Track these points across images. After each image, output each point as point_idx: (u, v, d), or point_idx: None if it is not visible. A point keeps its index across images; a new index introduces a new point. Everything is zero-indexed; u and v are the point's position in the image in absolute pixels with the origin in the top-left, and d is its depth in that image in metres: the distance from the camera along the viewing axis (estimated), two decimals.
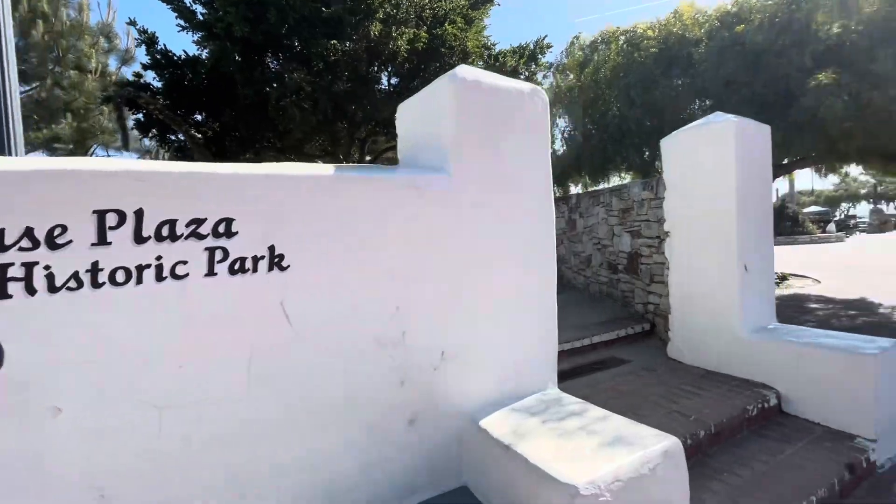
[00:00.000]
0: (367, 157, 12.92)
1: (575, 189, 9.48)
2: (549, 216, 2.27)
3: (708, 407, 2.81)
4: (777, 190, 42.20)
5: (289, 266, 1.61)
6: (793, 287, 8.80)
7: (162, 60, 8.80)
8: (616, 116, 5.54)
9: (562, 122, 7.22)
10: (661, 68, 5.06)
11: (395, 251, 1.84)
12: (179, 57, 8.84)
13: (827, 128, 4.12)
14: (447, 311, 1.96)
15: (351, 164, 1.76)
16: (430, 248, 1.92)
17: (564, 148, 7.32)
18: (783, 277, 9.57)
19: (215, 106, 9.60)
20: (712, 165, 3.35)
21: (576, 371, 3.66)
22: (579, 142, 6.58)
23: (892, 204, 41.28)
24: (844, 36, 4.04)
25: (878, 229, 28.90)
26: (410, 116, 2.29)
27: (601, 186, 6.55)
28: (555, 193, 9.56)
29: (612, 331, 4.30)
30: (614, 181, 6.98)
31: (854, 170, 8.80)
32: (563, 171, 7.86)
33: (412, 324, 1.87)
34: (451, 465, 1.99)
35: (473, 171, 2.02)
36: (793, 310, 6.78)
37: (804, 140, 4.40)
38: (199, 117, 10.47)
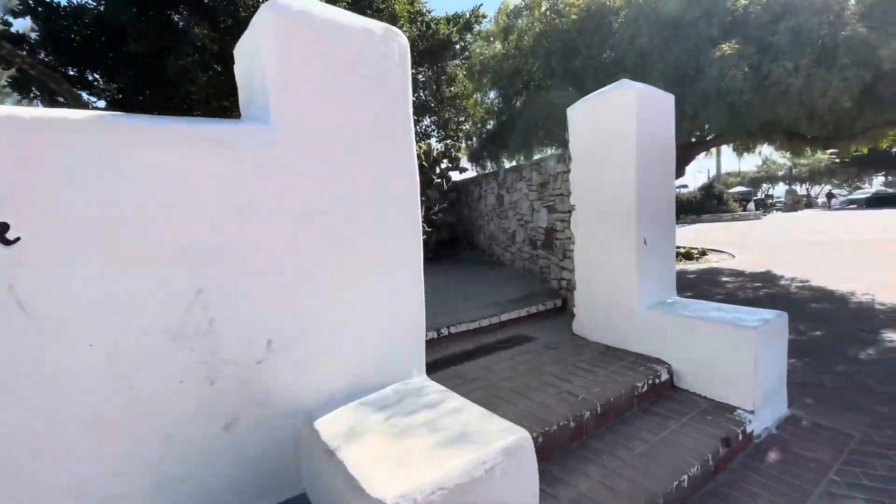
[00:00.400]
0: None
1: (509, 165, 9.32)
2: (411, 182, 1.98)
3: (599, 385, 2.71)
4: (709, 171, 44.94)
5: (18, 239, 1.21)
6: (711, 261, 9.25)
7: (38, 7, 7.56)
8: (538, 87, 5.35)
9: (492, 94, 6.94)
10: (582, 37, 4.89)
11: (197, 222, 1.48)
12: (59, 3, 7.64)
13: (730, 100, 4.14)
14: (274, 293, 1.63)
15: (145, 116, 1.35)
16: (249, 218, 1.57)
17: (494, 121, 7.07)
18: (703, 252, 10.06)
19: (108, 64, 8.46)
20: (614, 135, 3.21)
21: (480, 350, 3.49)
22: (505, 114, 6.35)
23: (804, 185, 45.20)
24: (750, 8, 4.03)
25: (792, 208, 31.60)
26: (242, 56, 1.89)
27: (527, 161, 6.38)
28: (486, 169, 9.38)
29: (524, 307, 4.17)
30: (541, 155, 6.85)
31: (767, 150, 9.25)
32: (494, 145, 7.65)
33: (223, 310, 1.53)
34: (289, 471, 1.71)
35: (306, 125, 1.67)
36: (707, 283, 7.07)
37: (711, 113, 4.41)
38: (94, 78, 9.23)
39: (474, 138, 8.40)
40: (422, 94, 12.06)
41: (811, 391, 3.25)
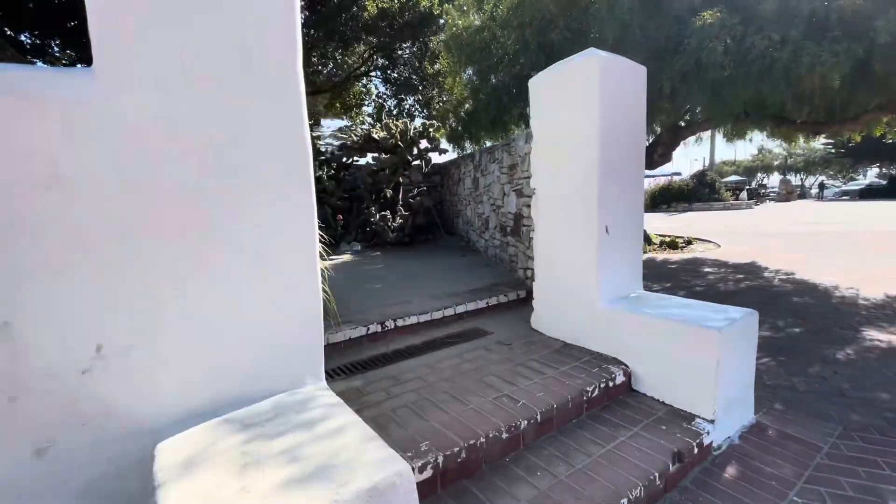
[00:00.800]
0: None
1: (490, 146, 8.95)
2: (301, 147, 1.64)
3: (544, 389, 2.43)
4: (704, 159, 44.56)
5: None
6: (695, 251, 9.00)
7: None
8: (512, 62, 4.95)
9: (469, 70, 6.50)
10: (558, 7, 4.50)
11: None
12: None
13: (710, 76, 3.78)
14: (102, 285, 1.31)
15: None
16: (56, 187, 1.24)
17: (472, 100, 6.67)
18: (689, 242, 9.81)
19: (66, 31, 7.96)
20: (576, 109, 2.87)
21: (427, 346, 3.20)
22: (482, 92, 5.97)
23: (799, 175, 45.02)
24: None
25: (785, 198, 31.42)
26: None
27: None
28: (465, 150, 8.99)
29: (484, 298, 3.88)
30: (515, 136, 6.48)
31: (760, 138, 8.91)
32: (473, 125, 7.26)
33: (26, 308, 1.21)
34: (133, 500, 1.41)
35: (143, 67, 1.33)
36: (688, 274, 6.82)
37: (690, 90, 4.06)
38: (51, 45, 8.72)
39: (451, 117, 7.98)
40: (404, 70, 11.59)
41: (782, 394, 3.00)
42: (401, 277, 5.07)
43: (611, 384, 2.58)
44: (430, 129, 8.29)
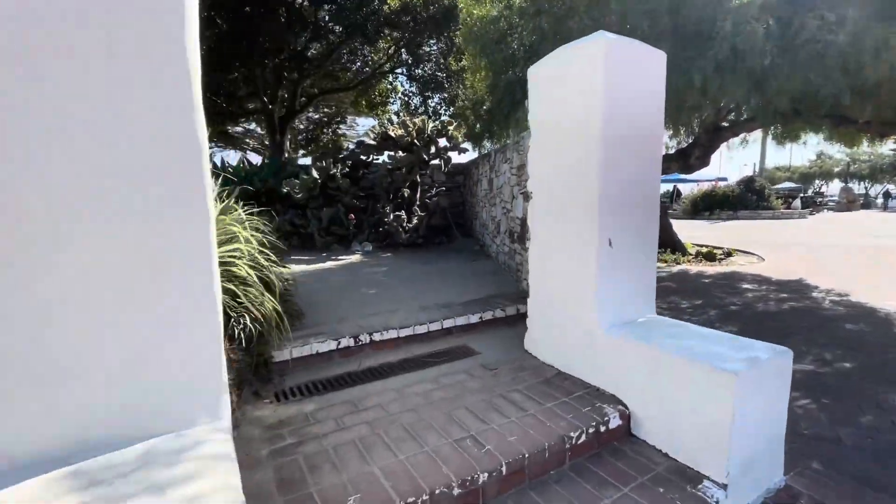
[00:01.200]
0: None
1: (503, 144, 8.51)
2: (189, 141, 1.35)
3: (520, 431, 2.05)
4: (754, 164, 41.85)
5: None
6: (735, 264, 8.22)
7: None
8: (528, 52, 4.53)
9: (484, 64, 6.07)
10: None
11: None
12: None
13: (749, 65, 3.21)
14: None
15: None
16: None
17: (490, 95, 6.28)
18: (728, 253, 9.00)
19: None
20: (577, 100, 2.46)
21: (403, 365, 2.88)
22: (500, 87, 5.57)
23: (862, 183, 41.46)
24: None
25: (846, 208, 28.91)
26: None
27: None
28: (485, 149, 8.59)
29: (478, 312, 3.51)
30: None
31: (815, 141, 8.01)
32: (492, 122, 6.88)
33: None
34: None
35: None
36: (722, 289, 6.16)
37: (724, 82, 3.49)
38: None
39: (470, 115, 7.61)
40: (428, 67, 11.30)
41: (822, 449, 2.48)
42: (400, 282, 4.77)
43: (602, 429, 2.17)
44: (449, 128, 7.95)
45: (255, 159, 11.26)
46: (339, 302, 3.93)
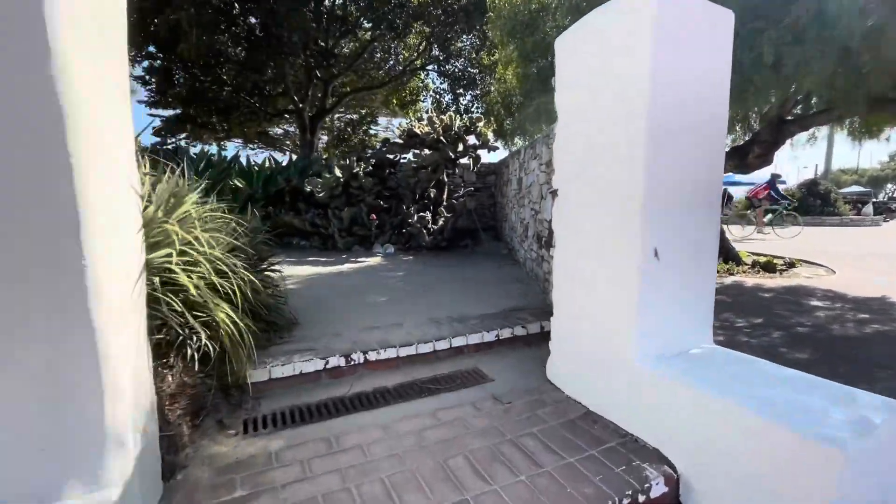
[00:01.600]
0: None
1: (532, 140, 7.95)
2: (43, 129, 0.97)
3: (528, 497, 1.57)
4: (816, 166, 38.64)
5: None
6: (799, 276, 7.26)
7: None
8: (558, 32, 4.01)
9: (510, 49, 5.51)
10: None
11: None
12: None
13: (840, 31, 2.53)
14: None
15: None
16: None
17: (519, 87, 5.76)
18: (791, 264, 8.01)
19: None
20: (619, 73, 1.95)
21: (402, 391, 2.45)
22: (532, 76, 5.05)
23: None
24: None
25: None
26: None
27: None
28: (515, 146, 8.04)
29: (494, 329, 3.02)
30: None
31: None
32: (522, 116, 6.37)
33: None
34: None
35: None
36: (786, 307, 5.35)
37: (805, 55, 2.81)
38: None
39: (499, 109, 7.12)
40: (458, 62, 10.86)
41: None
42: (414, 289, 4.35)
43: (641, 498, 1.65)
44: (478, 124, 7.48)
45: (285, 160, 11.22)
46: (342, 310, 3.56)
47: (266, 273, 3.06)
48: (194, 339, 1.83)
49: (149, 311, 1.60)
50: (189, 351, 1.82)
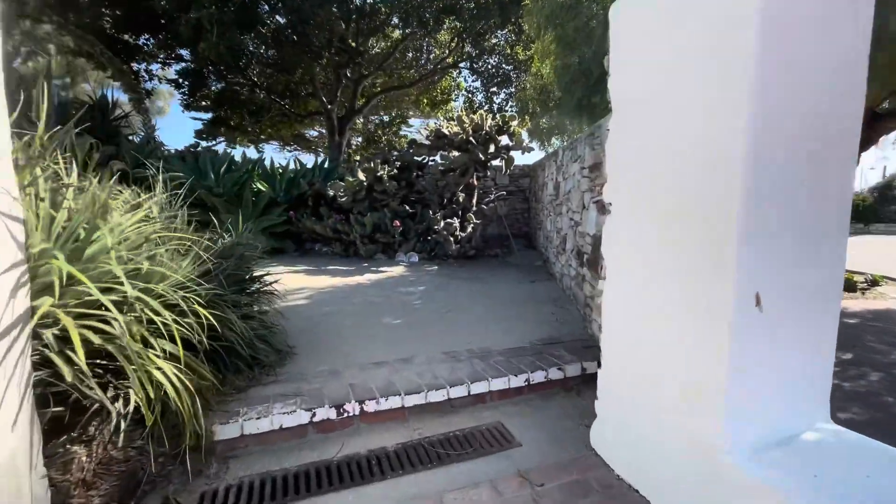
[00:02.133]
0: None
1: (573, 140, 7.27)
2: None
3: None
4: (885, 167, 35.16)
5: None
6: (887, 297, 6.23)
7: None
8: (606, 18, 3.41)
9: (550, 37, 4.89)
10: None
11: None
12: None
13: None
14: None
15: None
16: None
17: (557, 80, 5.15)
18: (874, 282, 6.94)
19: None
20: (707, 45, 1.37)
21: (402, 457, 1.94)
22: (573, 67, 4.43)
23: None
24: None
25: None
26: None
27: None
28: (552, 146, 7.38)
29: (524, 371, 2.46)
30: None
31: None
32: (559, 113, 5.75)
33: None
34: None
35: None
36: (880, 337, 4.47)
37: None
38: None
39: (535, 105, 6.51)
40: (491, 59, 10.27)
41: None
42: (433, 309, 3.85)
43: None
44: (511, 123, 6.90)
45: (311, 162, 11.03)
46: (348, 335, 3.10)
47: (256, 295, 2.65)
48: (120, 401, 1.39)
49: (44, 374, 1.17)
50: (114, 418, 1.38)
